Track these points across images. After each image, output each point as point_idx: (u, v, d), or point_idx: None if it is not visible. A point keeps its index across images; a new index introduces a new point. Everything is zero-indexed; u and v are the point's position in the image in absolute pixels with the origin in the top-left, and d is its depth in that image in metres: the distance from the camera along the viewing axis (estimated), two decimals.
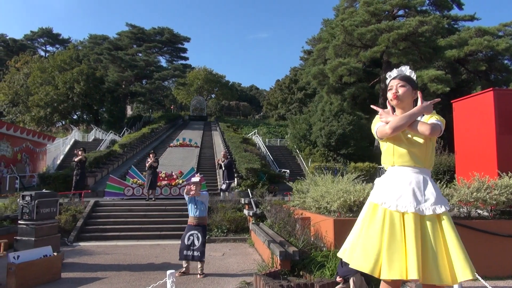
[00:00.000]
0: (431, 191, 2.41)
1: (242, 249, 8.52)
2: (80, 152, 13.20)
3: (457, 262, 2.19)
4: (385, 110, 2.57)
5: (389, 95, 2.58)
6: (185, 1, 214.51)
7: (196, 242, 6.09)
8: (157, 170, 13.42)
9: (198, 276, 6.01)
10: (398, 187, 2.42)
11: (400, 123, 2.42)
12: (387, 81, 2.68)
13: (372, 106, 2.92)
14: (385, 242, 2.28)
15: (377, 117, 2.62)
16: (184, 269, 6.14)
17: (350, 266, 2.41)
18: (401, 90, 2.54)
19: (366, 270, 2.27)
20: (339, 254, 2.61)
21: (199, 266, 6.12)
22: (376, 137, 2.63)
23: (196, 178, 6.52)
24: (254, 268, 6.37)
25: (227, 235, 9.74)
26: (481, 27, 26.49)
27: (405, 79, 2.58)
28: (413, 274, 2.15)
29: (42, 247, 5.91)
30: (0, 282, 5.52)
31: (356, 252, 2.39)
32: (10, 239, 6.76)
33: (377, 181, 2.65)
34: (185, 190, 6.47)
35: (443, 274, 2.19)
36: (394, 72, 2.67)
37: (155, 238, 9.71)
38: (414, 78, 2.62)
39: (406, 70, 2.64)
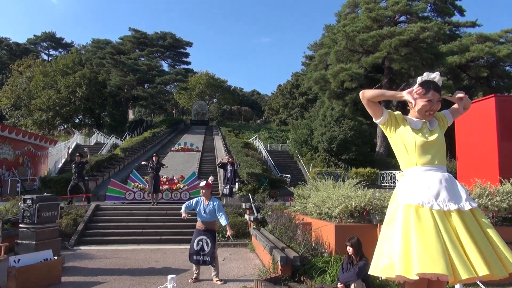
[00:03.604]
0: (460, 187, 2.41)
1: (243, 254, 8.50)
2: (78, 158, 13.20)
3: (505, 253, 2.18)
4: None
5: (426, 105, 2.50)
6: (188, 6, 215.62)
7: (205, 247, 6.00)
8: (159, 174, 13.41)
9: (214, 281, 5.95)
10: (432, 187, 2.36)
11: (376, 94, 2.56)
12: (421, 80, 2.56)
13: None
14: (448, 243, 2.17)
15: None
16: (195, 275, 6.07)
17: (416, 274, 2.12)
18: (438, 107, 2.54)
19: (441, 270, 2.05)
20: (385, 273, 2.30)
21: (213, 273, 6.04)
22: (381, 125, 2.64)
23: (203, 182, 6.49)
24: (255, 273, 6.35)
25: (227, 240, 9.70)
26: (483, 33, 26.57)
27: (441, 93, 2.54)
28: (482, 270, 2.06)
29: (42, 251, 5.90)
30: (0, 285, 5.51)
31: (418, 258, 2.13)
32: (11, 243, 6.75)
33: (402, 184, 2.50)
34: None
35: (500, 266, 2.14)
36: (433, 76, 2.55)
37: (155, 242, 9.69)
38: None
39: (440, 80, 2.56)
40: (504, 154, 7.17)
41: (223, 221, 6.09)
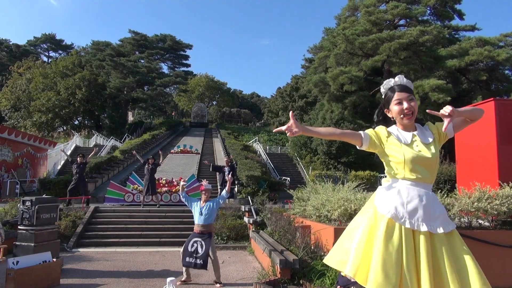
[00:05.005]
0: (439, 207, 2.34)
1: (242, 256, 8.49)
2: (79, 159, 13.20)
3: (474, 279, 2.12)
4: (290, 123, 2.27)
5: (399, 110, 2.41)
6: (188, 8, 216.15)
7: (199, 249, 5.90)
8: (159, 176, 13.38)
9: (215, 284, 5.94)
10: (409, 203, 2.30)
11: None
12: (385, 89, 2.56)
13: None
14: (405, 263, 2.14)
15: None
16: (185, 277, 6.04)
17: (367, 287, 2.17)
18: (414, 106, 2.41)
19: None
20: (337, 266, 2.38)
21: (215, 275, 6.01)
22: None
23: (209, 185, 6.49)
24: (254, 276, 6.34)
25: (227, 243, 9.70)
26: (482, 37, 26.59)
27: (412, 92, 2.46)
28: None
29: (41, 253, 5.88)
30: None
31: (373, 274, 2.16)
32: (9, 245, 6.73)
33: (382, 191, 2.45)
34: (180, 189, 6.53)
35: None
36: (395, 81, 2.49)
37: (154, 245, 9.67)
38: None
39: (407, 81, 2.51)
40: (503, 157, 7.18)
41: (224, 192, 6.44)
